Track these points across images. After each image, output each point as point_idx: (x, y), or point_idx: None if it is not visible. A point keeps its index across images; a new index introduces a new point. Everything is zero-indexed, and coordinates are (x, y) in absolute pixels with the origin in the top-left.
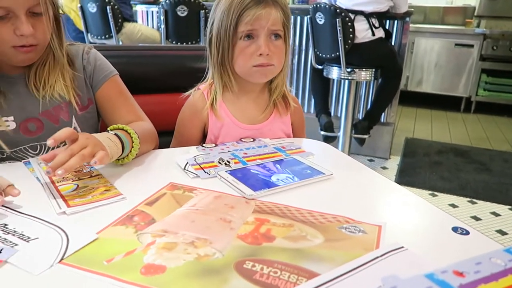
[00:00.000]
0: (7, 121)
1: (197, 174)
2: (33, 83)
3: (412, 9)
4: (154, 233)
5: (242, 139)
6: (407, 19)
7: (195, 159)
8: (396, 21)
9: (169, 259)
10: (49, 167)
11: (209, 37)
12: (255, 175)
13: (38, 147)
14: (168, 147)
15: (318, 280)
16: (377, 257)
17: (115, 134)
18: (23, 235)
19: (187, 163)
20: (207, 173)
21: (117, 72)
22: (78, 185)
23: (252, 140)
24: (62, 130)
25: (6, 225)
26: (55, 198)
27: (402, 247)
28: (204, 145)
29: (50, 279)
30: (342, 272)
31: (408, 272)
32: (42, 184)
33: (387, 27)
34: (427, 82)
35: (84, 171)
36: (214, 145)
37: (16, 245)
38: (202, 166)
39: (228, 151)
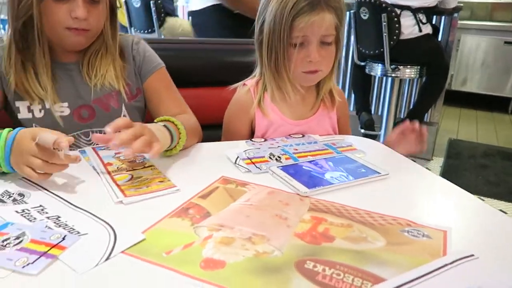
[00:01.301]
0: (62, 107)
1: (248, 169)
2: (86, 71)
3: (462, 5)
4: (211, 227)
5: (291, 135)
6: (455, 14)
7: (245, 153)
8: (443, 17)
9: (228, 254)
10: (115, 143)
11: (259, 38)
12: (307, 172)
13: (90, 133)
14: (211, 141)
15: (386, 285)
16: (446, 265)
17: (164, 125)
18: (73, 229)
19: (238, 157)
20: (259, 168)
21: (164, 64)
22: (132, 176)
23: (301, 136)
24: (120, 119)
25: (59, 217)
26: (111, 188)
27: (472, 255)
28: (253, 139)
29: (111, 267)
30: (411, 278)
31: (482, 283)
32: (98, 173)
33: (433, 23)
34: (473, 81)
35: (137, 161)
36: (263, 139)
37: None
38: (253, 160)
39: (278, 146)
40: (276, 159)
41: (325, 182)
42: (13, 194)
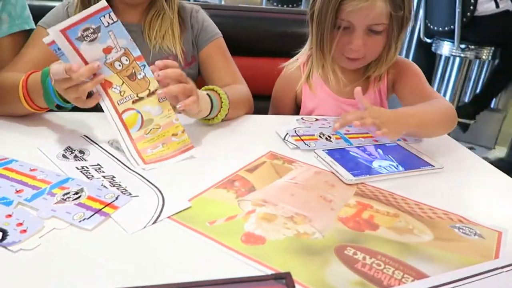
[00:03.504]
0: None
1: (297, 146)
2: (147, 33)
3: None
4: (254, 202)
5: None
6: None
7: (295, 130)
8: None
9: (268, 231)
10: (158, 73)
11: (310, 11)
12: (354, 158)
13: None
14: (264, 113)
15: (428, 282)
16: (498, 268)
17: (207, 94)
18: (126, 190)
19: (287, 133)
20: (307, 145)
21: (221, 35)
22: (142, 116)
23: None
24: (173, 70)
25: (114, 177)
26: (130, 152)
27: None
28: (304, 117)
29: (157, 231)
30: (457, 278)
31: None
32: (106, 112)
33: None
34: None
35: (138, 75)
36: (315, 118)
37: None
38: (302, 138)
39: (329, 126)
40: (326, 138)
41: (372, 170)
42: (74, 150)
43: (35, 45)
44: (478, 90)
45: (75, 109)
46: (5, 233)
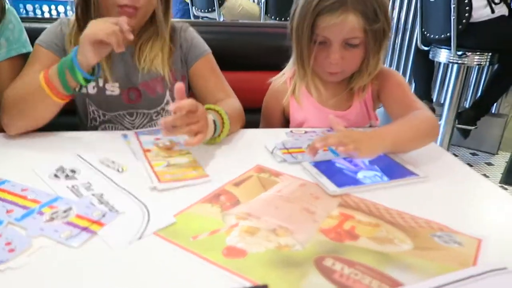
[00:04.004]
0: (113, 86)
1: (284, 158)
2: (137, 56)
3: None
4: (238, 215)
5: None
6: None
7: (283, 143)
8: None
9: (250, 244)
10: (163, 122)
11: (290, 27)
12: (340, 170)
13: (135, 114)
14: (256, 125)
15: None
16: (473, 276)
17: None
18: (113, 207)
19: (275, 147)
20: (294, 157)
21: (210, 51)
22: (168, 162)
23: None
24: (188, 100)
25: (102, 194)
26: (148, 173)
27: (505, 268)
28: (293, 130)
29: (142, 246)
30: (431, 286)
31: None
32: (137, 158)
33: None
34: None
35: (175, 148)
36: (303, 131)
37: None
38: (289, 150)
39: None
40: None
41: (356, 181)
42: (66, 169)
43: (35, 62)
44: (478, 96)
45: (69, 128)
46: None
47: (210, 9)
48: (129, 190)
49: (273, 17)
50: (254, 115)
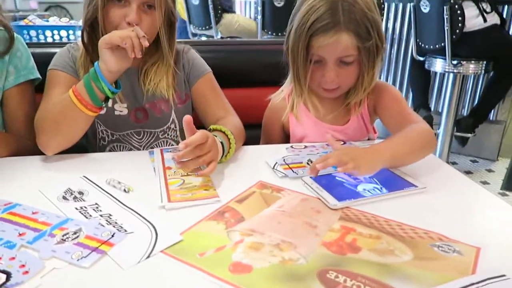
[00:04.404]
0: (121, 106)
1: (285, 174)
2: (143, 79)
3: None
4: (243, 232)
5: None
6: None
7: (284, 159)
8: None
9: (255, 259)
10: (175, 156)
11: (286, 47)
12: (340, 183)
13: (142, 133)
14: (256, 141)
15: None
16: (473, 284)
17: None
18: (122, 227)
19: (276, 162)
20: (295, 172)
21: (211, 70)
22: (184, 181)
23: (342, 143)
24: (197, 135)
25: (111, 215)
26: (161, 191)
27: (504, 275)
28: (293, 145)
29: (151, 265)
30: None
31: None
32: (155, 174)
33: (504, 13)
34: None
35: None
36: (303, 146)
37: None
38: (290, 166)
39: (317, 153)
40: None
41: (357, 194)
42: (74, 191)
43: (55, 85)
44: (475, 103)
45: (75, 150)
46: (9, 275)
47: (207, 27)
48: (136, 210)
49: (270, 33)
50: (254, 130)
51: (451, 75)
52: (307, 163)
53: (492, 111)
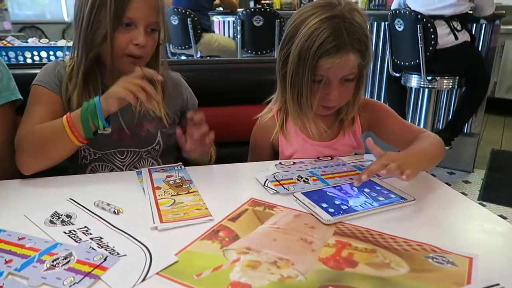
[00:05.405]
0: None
1: (276, 190)
2: None
3: (504, 12)
4: (239, 250)
5: (320, 158)
6: (497, 22)
7: (274, 176)
8: (483, 24)
9: (254, 278)
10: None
11: (283, 69)
12: (332, 198)
13: (125, 152)
14: (243, 158)
15: None
16: None
17: None
18: (114, 250)
19: (267, 179)
20: (286, 189)
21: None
22: (174, 200)
23: (330, 158)
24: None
25: (101, 238)
26: (152, 212)
27: (498, 284)
28: (282, 162)
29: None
30: None
31: None
32: (145, 195)
33: (473, 30)
34: None
35: (184, 186)
36: (292, 162)
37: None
38: (281, 182)
39: (306, 169)
40: (304, 181)
41: (348, 209)
42: (61, 215)
43: (40, 103)
44: (450, 117)
45: (54, 169)
46: None
47: (186, 46)
48: (128, 232)
49: (249, 51)
50: (240, 147)
51: (426, 90)
52: (297, 179)
53: (466, 124)
